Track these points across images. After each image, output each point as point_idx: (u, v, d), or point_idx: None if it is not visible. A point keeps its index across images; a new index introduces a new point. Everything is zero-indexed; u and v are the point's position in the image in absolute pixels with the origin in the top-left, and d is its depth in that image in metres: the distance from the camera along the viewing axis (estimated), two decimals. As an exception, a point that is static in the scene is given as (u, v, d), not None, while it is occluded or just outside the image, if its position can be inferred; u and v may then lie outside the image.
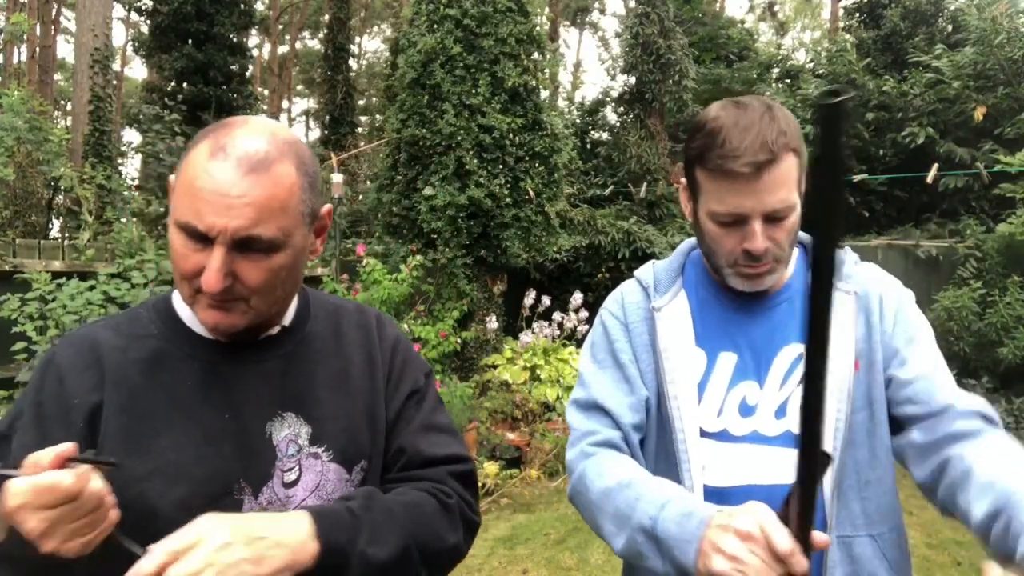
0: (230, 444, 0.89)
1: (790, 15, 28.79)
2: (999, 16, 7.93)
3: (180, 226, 0.84)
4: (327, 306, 1.06)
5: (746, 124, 1.02)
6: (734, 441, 1.11)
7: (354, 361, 1.02)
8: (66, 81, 24.54)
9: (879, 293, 1.16)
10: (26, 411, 0.87)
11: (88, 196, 7.09)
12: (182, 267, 0.85)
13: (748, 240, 1.05)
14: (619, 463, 1.10)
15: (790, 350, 1.13)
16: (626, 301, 1.25)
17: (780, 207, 1.04)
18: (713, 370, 1.14)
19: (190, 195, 0.83)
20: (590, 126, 13.07)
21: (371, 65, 28.83)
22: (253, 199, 0.82)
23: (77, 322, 4.31)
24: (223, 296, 0.85)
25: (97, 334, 0.93)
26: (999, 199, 7.52)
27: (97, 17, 10.93)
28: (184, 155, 0.88)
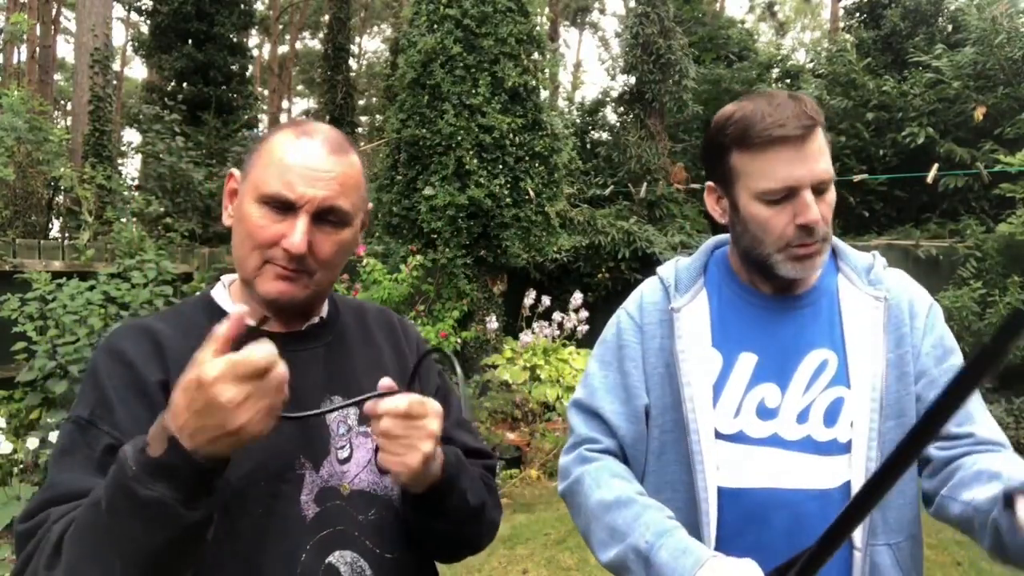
0: (289, 424, 0.91)
1: (790, 15, 28.80)
2: (999, 16, 7.94)
3: (266, 198, 0.92)
4: (351, 304, 1.15)
5: (779, 101, 1.05)
6: (751, 443, 1.10)
7: (384, 352, 1.10)
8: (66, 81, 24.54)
9: (908, 301, 1.15)
10: (109, 395, 0.88)
11: (88, 196, 7.09)
12: (259, 236, 0.92)
13: (802, 213, 1.04)
14: (620, 477, 1.14)
15: (816, 355, 1.12)
16: (645, 302, 1.24)
17: (826, 176, 1.05)
18: (731, 371, 1.13)
19: (280, 169, 0.92)
20: (590, 126, 13.07)
21: (371, 65, 28.83)
22: (337, 175, 0.94)
23: (77, 322, 4.32)
24: (296, 265, 0.92)
25: (151, 324, 0.96)
26: (999, 199, 7.52)
27: (97, 17, 10.92)
28: (258, 145, 0.97)
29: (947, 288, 6.77)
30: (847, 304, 1.14)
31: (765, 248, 1.09)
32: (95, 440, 0.85)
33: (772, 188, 1.05)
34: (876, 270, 1.17)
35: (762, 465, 1.09)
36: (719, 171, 1.12)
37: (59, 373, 4.18)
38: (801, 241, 1.06)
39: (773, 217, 1.06)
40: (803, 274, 1.10)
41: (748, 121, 1.05)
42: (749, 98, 1.09)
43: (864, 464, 1.07)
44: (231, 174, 1.00)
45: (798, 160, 1.03)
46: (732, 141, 1.08)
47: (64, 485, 0.82)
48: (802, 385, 1.11)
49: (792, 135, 1.02)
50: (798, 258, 1.07)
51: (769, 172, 1.04)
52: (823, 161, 1.05)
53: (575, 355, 6.34)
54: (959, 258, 6.97)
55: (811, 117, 1.03)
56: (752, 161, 1.06)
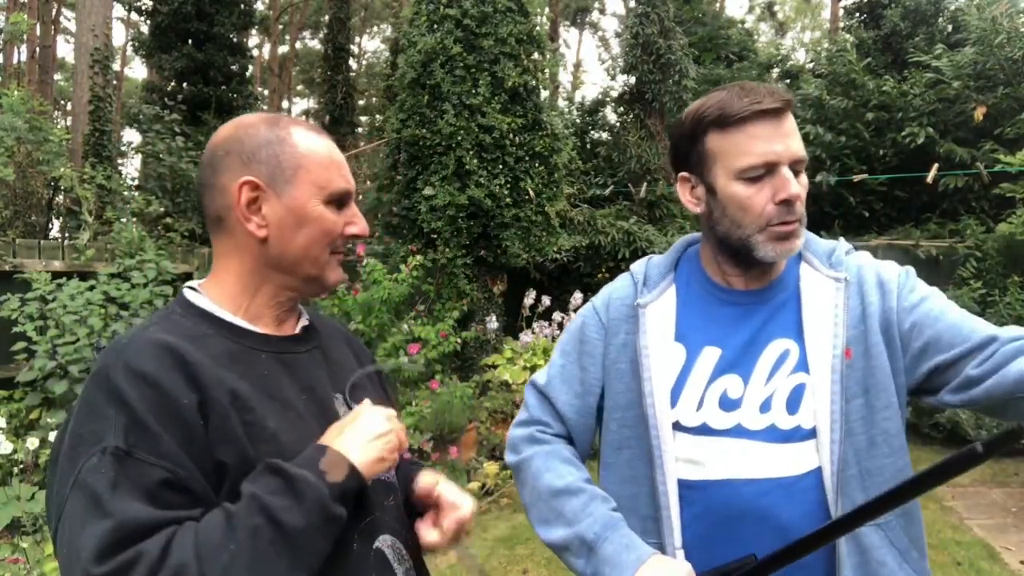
0: (315, 422, 0.97)
1: (790, 15, 28.79)
2: (999, 16, 7.93)
3: (334, 196, 0.99)
4: (315, 315, 1.18)
5: (752, 85, 1.09)
6: (715, 435, 1.11)
7: (349, 357, 1.15)
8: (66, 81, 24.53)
9: (875, 272, 1.16)
10: (143, 422, 0.81)
11: (88, 196, 7.09)
12: (335, 230, 0.99)
13: (782, 188, 1.06)
14: (569, 463, 1.21)
15: (777, 345, 1.12)
16: (612, 298, 1.26)
17: (801, 155, 1.08)
18: (694, 365, 1.14)
19: (334, 167, 1.00)
20: (590, 126, 13.06)
21: (371, 65, 28.83)
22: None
23: (77, 322, 4.31)
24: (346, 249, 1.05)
25: (159, 336, 0.90)
26: (999, 199, 7.52)
27: (97, 17, 10.90)
28: (272, 147, 0.98)
29: (947, 288, 6.77)
30: (808, 291, 1.14)
31: (745, 230, 1.09)
32: (143, 473, 0.80)
33: (752, 164, 1.06)
34: (838, 253, 1.18)
35: (726, 456, 1.09)
36: (693, 158, 1.14)
37: (59, 373, 4.18)
38: (782, 219, 1.07)
39: (753, 195, 1.07)
40: (782, 256, 1.11)
41: (725, 102, 1.08)
42: (720, 88, 1.12)
43: (829, 447, 1.07)
44: (247, 182, 0.95)
45: (776, 135, 1.06)
46: (710, 123, 1.09)
47: (132, 519, 0.77)
48: (764, 375, 1.11)
49: (770, 108, 1.05)
50: (779, 237, 1.08)
51: (748, 148, 1.06)
52: (798, 140, 1.08)
53: (575, 355, 6.33)
54: (959, 258, 6.97)
55: (785, 97, 1.07)
56: (730, 140, 1.08)
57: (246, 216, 0.96)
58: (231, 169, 0.96)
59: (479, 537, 4.20)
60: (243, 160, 0.96)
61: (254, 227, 0.96)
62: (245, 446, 0.86)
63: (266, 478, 0.83)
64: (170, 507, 0.80)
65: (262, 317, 1.01)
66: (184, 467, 0.82)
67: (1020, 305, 6.30)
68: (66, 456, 0.83)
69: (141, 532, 0.77)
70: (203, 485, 0.83)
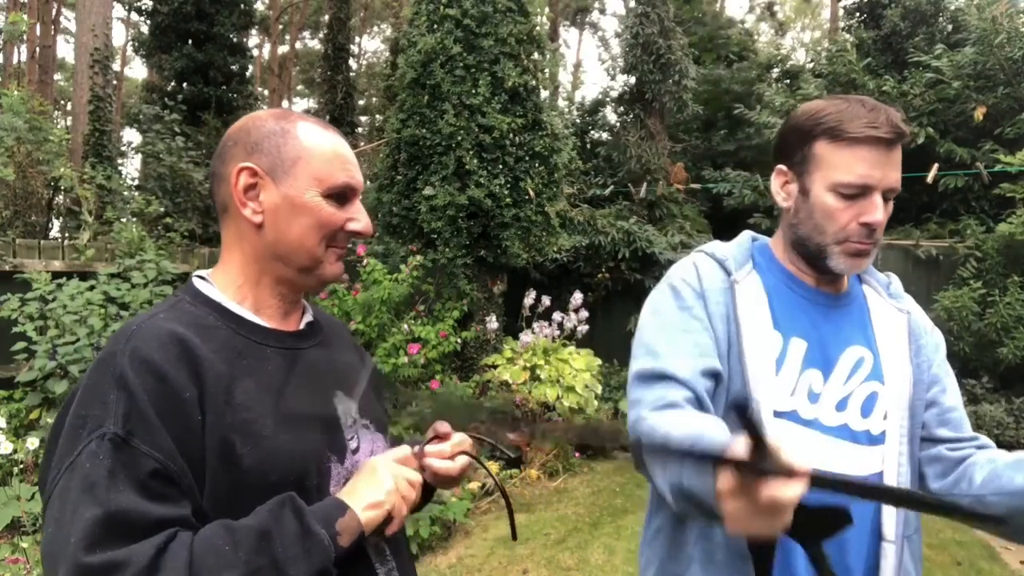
0: (314, 419, 1.00)
1: (790, 15, 28.78)
2: (999, 16, 7.93)
3: (334, 189, 1.00)
4: (320, 312, 1.20)
5: (875, 106, 1.11)
6: (800, 423, 1.14)
7: (349, 354, 1.17)
8: (66, 81, 24.53)
9: (922, 322, 1.26)
10: (143, 412, 0.84)
11: (88, 196, 7.08)
12: (333, 224, 1.00)
13: (868, 212, 1.11)
14: (683, 415, 1.03)
15: (854, 351, 1.18)
16: (701, 271, 1.21)
17: (896, 187, 1.13)
18: (787, 352, 1.16)
19: (339, 160, 1.01)
20: (590, 126, 13.06)
21: (371, 65, 28.81)
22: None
23: (77, 322, 4.31)
24: (349, 244, 1.06)
25: (170, 326, 0.92)
26: (999, 199, 7.52)
27: (97, 17, 10.90)
28: (274, 137, 0.99)
29: (947, 288, 6.77)
30: (876, 311, 1.23)
31: (825, 238, 1.14)
32: (137, 461, 0.82)
33: (850, 182, 1.10)
34: (895, 286, 1.27)
35: (806, 445, 1.13)
36: (797, 156, 1.17)
37: (59, 373, 4.18)
38: (860, 239, 1.12)
39: (840, 211, 1.12)
40: (853, 270, 1.16)
41: (845, 116, 1.11)
42: (842, 98, 1.16)
43: (896, 458, 1.14)
44: (246, 168, 0.98)
45: (880, 163, 1.10)
46: (824, 131, 1.12)
47: (126, 511, 0.79)
48: (843, 375, 1.16)
49: (884, 137, 1.09)
50: (854, 253, 1.13)
51: (851, 167, 1.10)
52: (898, 172, 1.13)
53: (575, 355, 6.34)
54: (959, 258, 6.96)
55: (902, 130, 1.10)
56: (838, 153, 1.11)
57: (242, 201, 0.98)
58: (235, 158, 1.00)
59: (479, 537, 4.20)
60: (247, 149, 0.99)
61: (250, 212, 0.99)
62: (234, 445, 0.88)
63: (287, 518, 0.85)
64: (162, 498, 0.82)
65: (266, 308, 1.03)
66: (175, 462, 0.84)
67: (1020, 305, 6.30)
68: (67, 436, 0.85)
69: (131, 526, 0.79)
70: (190, 481, 0.85)
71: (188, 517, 0.84)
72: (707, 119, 12.42)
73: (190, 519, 0.84)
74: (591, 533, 4.33)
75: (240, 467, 0.88)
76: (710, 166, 11.63)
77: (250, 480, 0.89)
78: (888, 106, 1.13)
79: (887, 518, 1.11)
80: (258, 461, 0.89)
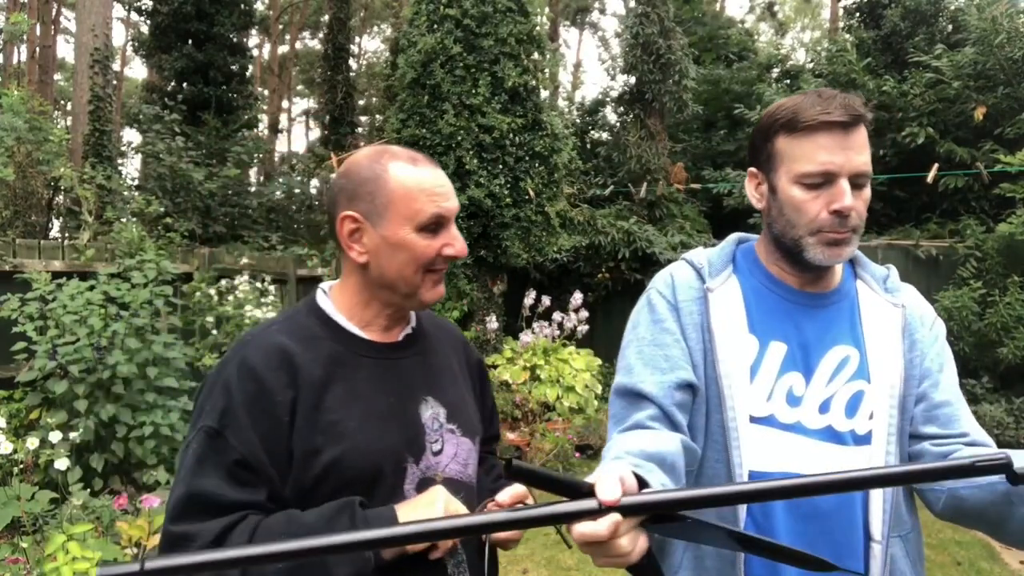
0: (396, 422, 1.12)
1: (790, 15, 28.78)
2: (999, 16, 7.92)
3: (426, 224, 1.10)
4: (427, 318, 1.32)
5: (830, 94, 1.12)
6: (779, 428, 1.13)
7: (454, 363, 1.29)
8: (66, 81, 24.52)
9: (920, 313, 1.23)
10: (237, 410, 1.02)
11: (88, 196, 7.08)
12: (426, 255, 1.11)
13: (836, 199, 1.09)
14: (630, 438, 1.06)
15: (839, 350, 1.16)
16: (676, 281, 1.24)
17: (864, 170, 1.10)
18: (764, 357, 1.15)
19: (423, 196, 1.10)
20: (590, 126, 13.07)
21: (371, 65, 28.81)
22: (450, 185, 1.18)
23: (77, 322, 4.31)
24: (446, 266, 1.17)
25: (277, 339, 1.09)
26: (999, 199, 7.52)
27: (97, 17, 10.90)
28: (370, 183, 1.11)
29: (947, 288, 6.77)
30: (867, 306, 1.21)
31: (798, 231, 1.13)
32: (225, 451, 1.00)
33: (811, 171, 1.10)
34: (892, 280, 1.25)
35: (787, 450, 1.12)
36: (763, 156, 1.18)
37: (59, 373, 4.17)
38: (833, 227, 1.11)
39: (808, 201, 1.12)
40: (831, 261, 1.14)
41: (798, 108, 1.12)
42: (803, 92, 1.16)
43: (883, 457, 1.12)
44: (349, 216, 1.11)
45: (839, 148, 1.09)
46: (781, 126, 1.13)
47: (206, 493, 0.98)
48: (825, 377, 1.15)
49: (836, 121, 1.08)
50: (829, 243, 1.12)
51: (811, 156, 1.10)
52: (863, 155, 1.10)
53: (575, 355, 6.34)
54: (959, 258, 6.97)
55: (857, 111, 1.09)
56: (796, 145, 1.12)
57: (348, 245, 1.13)
58: (340, 205, 1.14)
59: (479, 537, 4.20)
60: (348, 197, 1.13)
61: (355, 254, 1.13)
62: (317, 442, 1.04)
63: (342, 523, 0.98)
64: (242, 484, 1.00)
65: (372, 324, 1.18)
66: (257, 455, 1.00)
67: (1020, 305, 6.30)
68: (192, 421, 1.07)
69: (209, 505, 0.98)
70: (270, 471, 1.02)
71: (263, 502, 1.01)
72: (707, 119, 12.42)
73: (265, 504, 1.01)
74: (591, 533, 4.33)
75: (320, 462, 1.03)
76: (710, 166, 11.63)
77: (329, 474, 1.03)
78: (847, 93, 1.13)
79: (874, 518, 1.10)
80: (336, 458, 1.04)
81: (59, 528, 3.05)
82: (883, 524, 1.10)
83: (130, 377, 4.28)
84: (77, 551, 2.67)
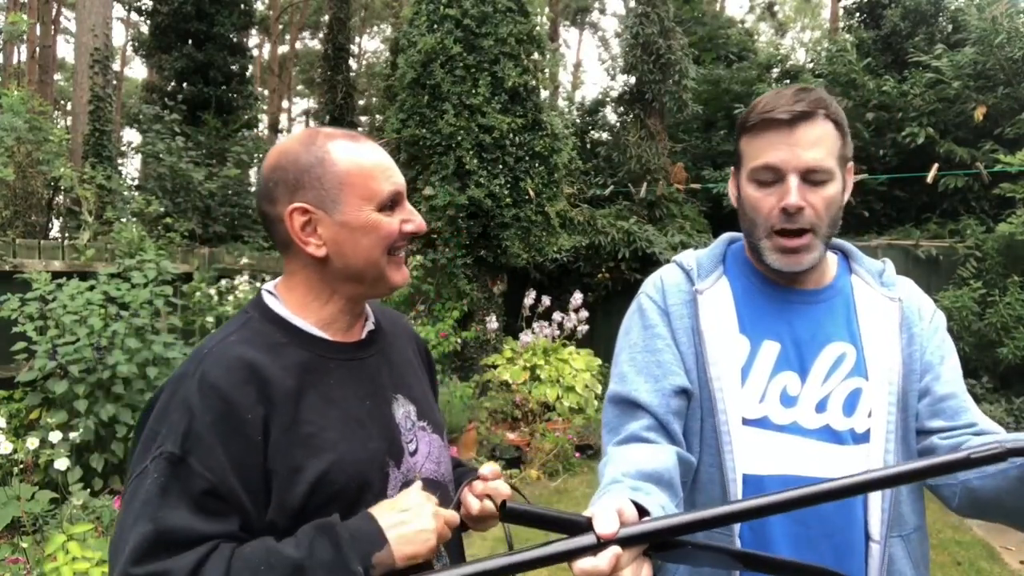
0: (375, 426, 1.05)
1: (790, 15, 28.78)
2: (999, 16, 7.93)
3: (385, 202, 1.03)
4: (380, 310, 1.24)
5: (784, 91, 1.11)
6: (774, 429, 1.11)
7: (411, 356, 1.23)
8: (66, 81, 24.52)
9: (918, 306, 1.20)
10: (201, 433, 0.91)
11: (88, 196, 7.08)
12: (392, 233, 1.03)
13: (783, 196, 1.07)
14: (626, 455, 1.07)
15: (834, 347, 1.14)
16: (666, 284, 1.23)
17: (815, 166, 1.07)
18: (756, 357, 1.14)
19: (378, 171, 1.03)
20: (590, 126, 13.06)
21: (371, 65, 28.81)
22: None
23: (77, 322, 4.31)
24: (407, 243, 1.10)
25: (238, 350, 0.98)
26: (999, 199, 7.52)
27: (97, 17, 10.90)
28: (311, 168, 1.01)
29: (947, 288, 6.77)
30: (862, 302, 1.18)
31: (757, 232, 1.13)
32: (190, 480, 0.89)
33: (756, 166, 1.10)
34: (888, 273, 1.23)
35: (783, 452, 1.10)
36: (735, 157, 1.18)
37: (59, 373, 4.17)
38: (783, 225, 1.09)
39: (762, 199, 1.11)
40: (787, 267, 1.12)
41: (752, 107, 1.12)
42: (773, 90, 1.16)
43: (882, 456, 1.09)
44: (298, 208, 1.01)
45: (784, 144, 1.07)
46: (740, 128, 1.14)
47: (174, 528, 0.87)
48: (821, 375, 1.13)
49: (778, 118, 1.07)
50: (784, 249, 1.10)
51: (759, 153, 1.10)
52: (815, 150, 1.07)
53: (575, 355, 6.33)
54: (959, 258, 6.96)
55: (807, 106, 1.07)
56: (751, 143, 1.12)
57: (303, 240, 1.02)
58: (281, 199, 1.03)
59: (479, 537, 4.20)
60: (289, 189, 1.02)
61: (313, 248, 1.02)
62: (298, 458, 0.95)
63: (323, 549, 0.88)
64: (212, 514, 0.89)
65: (333, 324, 1.08)
66: (227, 481, 0.90)
67: (1020, 305, 6.30)
68: (142, 444, 0.95)
69: (177, 542, 0.87)
70: (242, 498, 0.91)
71: (235, 532, 0.91)
72: (707, 119, 12.41)
73: (237, 534, 0.91)
74: (591, 533, 4.33)
75: (305, 478, 0.94)
76: (710, 166, 11.63)
77: (315, 490, 0.95)
78: (812, 88, 1.11)
79: (872, 518, 1.09)
80: (321, 473, 0.95)
81: (59, 528, 3.05)
82: (881, 524, 1.08)
83: (130, 377, 4.28)
84: (77, 551, 2.67)
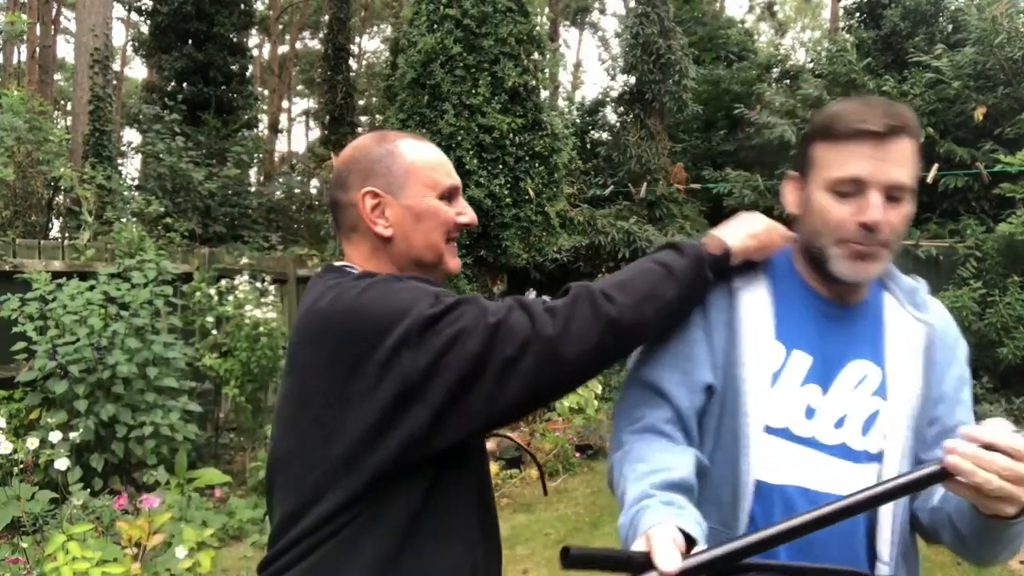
0: None
1: (790, 15, 28.78)
2: (999, 16, 7.93)
3: (446, 191, 1.17)
4: None
5: (875, 102, 1.08)
6: (793, 440, 1.10)
7: None
8: (66, 81, 24.51)
9: (945, 333, 1.19)
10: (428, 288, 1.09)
11: (88, 196, 7.08)
12: (449, 220, 1.17)
13: (864, 211, 1.05)
14: (653, 453, 1.06)
15: (858, 365, 1.13)
16: None
17: (900, 183, 1.05)
18: (787, 366, 1.12)
19: (440, 166, 1.18)
20: (590, 126, 13.06)
21: (371, 65, 28.80)
22: None
23: (77, 322, 4.31)
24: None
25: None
26: (999, 199, 7.53)
27: (97, 17, 10.90)
28: (383, 158, 1.16)
29: (947, 288, 6.77)
30: (891, 322, 1.17)
31: (824, 239, 1.09)
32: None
33: (840, 177, 1.06)
34: (921, 294, 1.21)
35: (799, 464, 1.09)
36: (801, 161, 1.16)
37: (59, 373, 4.17)
38: (858, 241, 1.06)
39: (836, 208, 1.07)
40: (857, 276, 1.09)
41: (838, 114, 1.08)
42: (852, 99, 1.15)
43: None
44: (370, 191, 1.14)
45: (873, 158, 1.04)
46: (818, 132, 1.11)
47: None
48: (842, 392, 1.11)
49: (872, 130, 1.04)
50: (855, 255, 1.07)
51: (842, 163, 1.07)
52: (902, 168, 1.05)
53: (575, 355, 6.33)
54: (959, 258, 6.97)
55: (899, 121, 1.04)
56: (831, 151, 1.08)
57: (372, 220, 1.14)
58: (355, 185, 1.15)
59: None
60: (362, 176, 1.15)
61: (380, 228, 1.14)
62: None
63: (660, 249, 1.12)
64: None
65: None
66: None
67: (1020, 305, 6.30)
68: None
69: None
70: None
71: None
72: (707, 119, 12.42)
73: None
74: (591, 533, 4.33)
75: None
76: (710, 166, 11.64)
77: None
78: (896, 103, 1.09)
79: (881, 541, 1.08)
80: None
81: (59, 528, 3.05)
82: (891, 547, 1.08)
83: (130, 377, 4.28)
84: (77, 551, 2.67)
